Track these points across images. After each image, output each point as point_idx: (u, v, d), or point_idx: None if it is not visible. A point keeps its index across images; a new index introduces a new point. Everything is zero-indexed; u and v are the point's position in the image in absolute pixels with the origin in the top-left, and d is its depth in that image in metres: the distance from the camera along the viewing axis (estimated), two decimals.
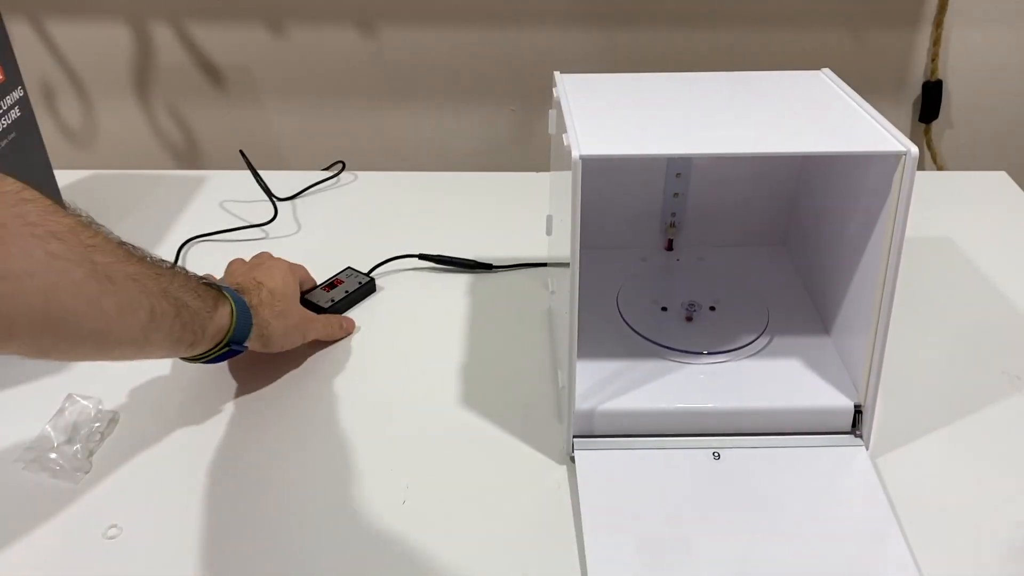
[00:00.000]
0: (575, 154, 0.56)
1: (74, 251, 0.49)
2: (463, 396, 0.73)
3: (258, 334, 0.67)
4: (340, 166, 1.08)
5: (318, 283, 0.84)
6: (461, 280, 0.87)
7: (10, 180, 0.49)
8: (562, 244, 0.66)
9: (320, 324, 0.76)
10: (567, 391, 0.65)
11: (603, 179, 0.80)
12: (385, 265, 0.89)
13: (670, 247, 0.85)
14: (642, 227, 0.84)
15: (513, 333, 0.80)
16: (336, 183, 1.06)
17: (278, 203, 1.00)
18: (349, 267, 0.87)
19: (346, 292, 0.82)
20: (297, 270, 0.80)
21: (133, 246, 0.57)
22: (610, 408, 0.66)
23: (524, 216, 0.97)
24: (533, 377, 0.75)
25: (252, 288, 0.69)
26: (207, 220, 0.99)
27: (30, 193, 0.49)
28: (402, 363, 0.77)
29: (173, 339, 0.58)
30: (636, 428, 0.67)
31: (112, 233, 0.54)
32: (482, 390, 0.74)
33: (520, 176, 1.10)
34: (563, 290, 0.67)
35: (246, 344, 0.65)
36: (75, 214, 0.52)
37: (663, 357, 0.71)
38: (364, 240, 0.95)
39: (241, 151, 1.02)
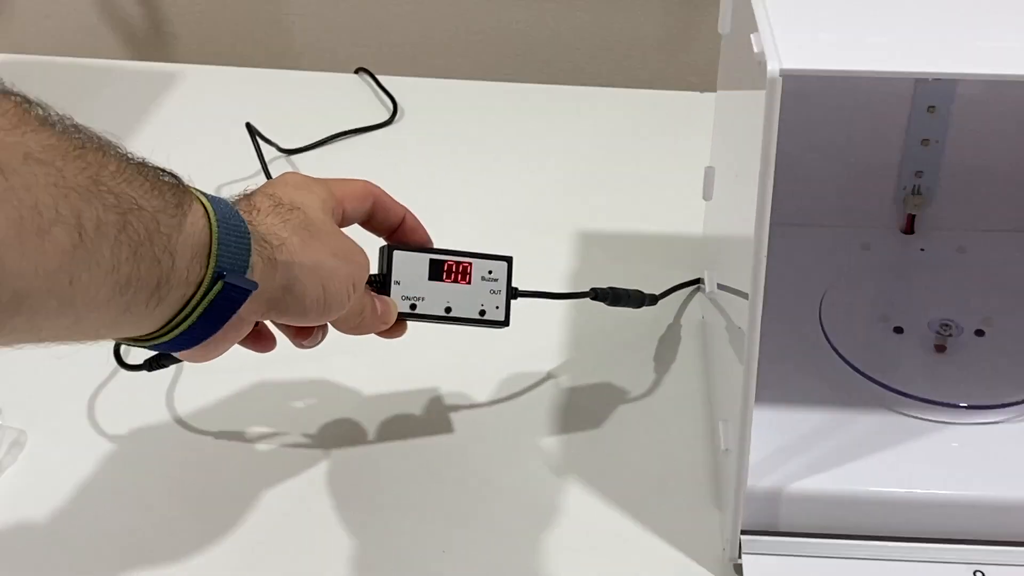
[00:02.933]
0: (771, 67, 0.54)
1: None
2: (560, 459, 0.75)
3: (266, 265, 0.58)
4: (391, 108, 1.14)
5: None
6: (562, 258, 0.91)
7: None
8: (734, 216, 0.66)
9: (368, 298, 0.68)
10: (734, 458, 0.64)
11: (809, 112, 0.80)
12: None
13: (910, 228, 0.85)
14: (866, 193, 0.84)
15: (641, 357, 0.82)
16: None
17: (291, 157, 1.07)
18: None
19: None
20: (342, 193, 0.69)
21: (41, 106, 0.50)
22: (804, 489, 0.66)
23: (661, 163, 1.03)
24: (673, 431, 0.76)
25: (260, 199, 0.63)
26: (178, 139, 1.03)
27: None
28: (460, 392, 0.80)
29: (120, 283, 0.50)
30: (846, 524, 0.66)
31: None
32: (590, 449, 0.75)
33: (655, 97, 1.13)
34: (733, 292, 0.67)
35: (245, 284, 0.56)
36: None
37: (895, 408, 0.71)
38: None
39: (249, 125, 1.03)
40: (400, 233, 0.71)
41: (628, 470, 0.73)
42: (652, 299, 0.79)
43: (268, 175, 1.00)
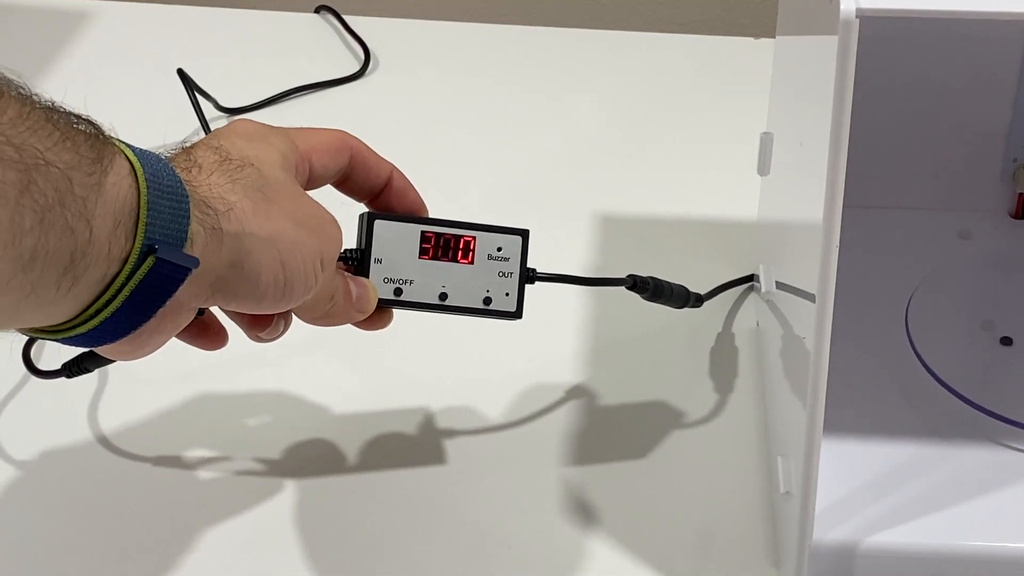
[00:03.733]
0: (845, 7, 0.54)
1: None
2: (579, 502, 0.75)
3: (209, 237, 0.58)
4: (361, 57, 1.14)
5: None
6: (578, 247, 0.91)
7: None
8: (797, 196, 0.66)
9: (339, 280, 0.68)
10: (796, 503, 0.64)
11: (894, 65, 0.80)
12: None
13: (1020, 212, 0.86)
14: (965, 167, 0.85)
15: (680, 373, 0.83)
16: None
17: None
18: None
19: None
20: (309, 145, 0.69)
21: None
22: (884, 544, 0.66)
23: (706, 129, 1.03)
24: (719, 468, 0.77)
25: (202, 153, 0.62)
26: (92, 93, 1.01)
27: None
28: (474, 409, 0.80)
29: (23, 259, 0.49)
30: None
31: None
32: (617, 490, 0.76)
33: (698, 44, 1.14)
34: (795, 292, 0.66)
35: (182, 261, 0.56)
36: None
37: (1001, 441, 0.71)
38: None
39: (182, 72, 1.04)
40: (385, 197, 0.71)
41: (663, 517, 0.74)
42: (697, 299, 0.80)
43: (207, 130, 1.00)
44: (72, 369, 0.70)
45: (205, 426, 0.78)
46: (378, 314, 0.69)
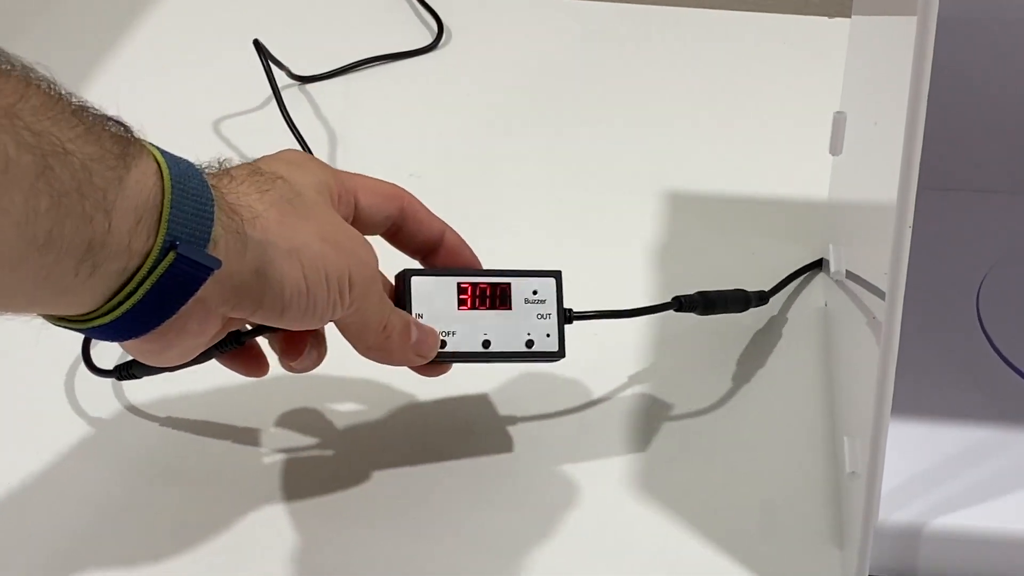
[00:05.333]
0: None
1: None
2: (641, 481, 0.75)
3: (233, 241, 0.59)
4: (435, 29, 1.14)
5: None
6: (645, 225, 0.92)
7: None
8: (870, 177, 0.66)
9: (387, 307, 0.69)
10: (862, 484, 0.64)
11: (975, 42, 0.80)
12: None
13: None
14: None
15: (743, 353, 0.83)
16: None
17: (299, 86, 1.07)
18: None
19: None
20: (357, 184, 0.70)
21: None
22: (951, 526, 0.66)
23: (776, 108, 1.03)
24: (784, 448, 0.76)
25: (237, 168, 0.64)
26: (169, 62, 1.06)
27: None
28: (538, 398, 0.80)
29: (37, 241, 0.51)
30: (1004, 572, 0.67)
31: None
32: (678, 469, 0.76)
33: (769, 23, 1.14)
34: (866, 275, 0.66)
35: (204, 260, 0.57)
36: None
37: None
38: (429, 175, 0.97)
39: (257, 42, 1.03)
40: (438, 255, 0.72)
41: (727, 494, 0.74)
42: (761, 297, 0.79)
43: (280, 103, 1.00)
44: (122, 372, 0.72)
45: (251, 406, 0.78)
46: (436, 363, 0.71)
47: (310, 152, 0.96)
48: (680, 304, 0.76)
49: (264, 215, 0.61)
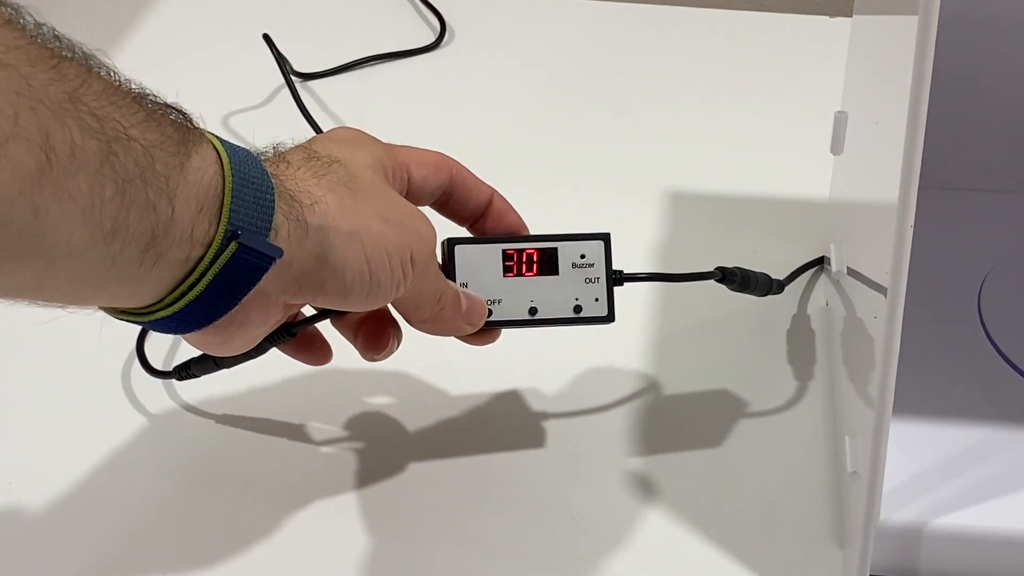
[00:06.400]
0: None
1: None
2: (643, 478, 0.75)
3: (294, 228, 0.59)
4: (437, 27, 1.14)
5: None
6: (647, 225, 0.92)
7: None
8: (871, 176, 0.66)
9: (442, 280, 0.69)
10: (863, 483, 0.64)
11: (977, 43, 0.80)
12: None
13: None
14: None
15: (745, 353, 0.83)
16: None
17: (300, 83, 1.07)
18: None
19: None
20: (409, 157, 0.70)
21: (10, 5, 0.50)
22: (952, 526, 0.66)
23: (778, 107, 1.03)
24: (785, 447, 0.77)
25: (293, 152, 0.64)
26: (173, 56, 1.03)
27: None
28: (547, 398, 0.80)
29: (103, 228, 0.50)
30: (1005, 571, 0.67)
31: None
32: (680, 467, 0.76)
33: (771, 22, 1.14)
34: (867, 272, 0.66)
35: (266, 249, 0.57)
36: None
37: None
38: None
39: (267, 36, 1.05)
40: (485, 221, 0.71)
41: (729, 494, 0.74)
42: (779, 286, 0.79)
43: (295, 94, 1.00)
44: (182, 372, 0.72)
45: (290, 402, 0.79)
46: (486, 331, 0.70)
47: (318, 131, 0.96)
48: (723, 275, 0.75)
49: (323, 200, 0.60)
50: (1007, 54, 0.81)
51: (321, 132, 0.95)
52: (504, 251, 0.69)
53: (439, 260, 0.69)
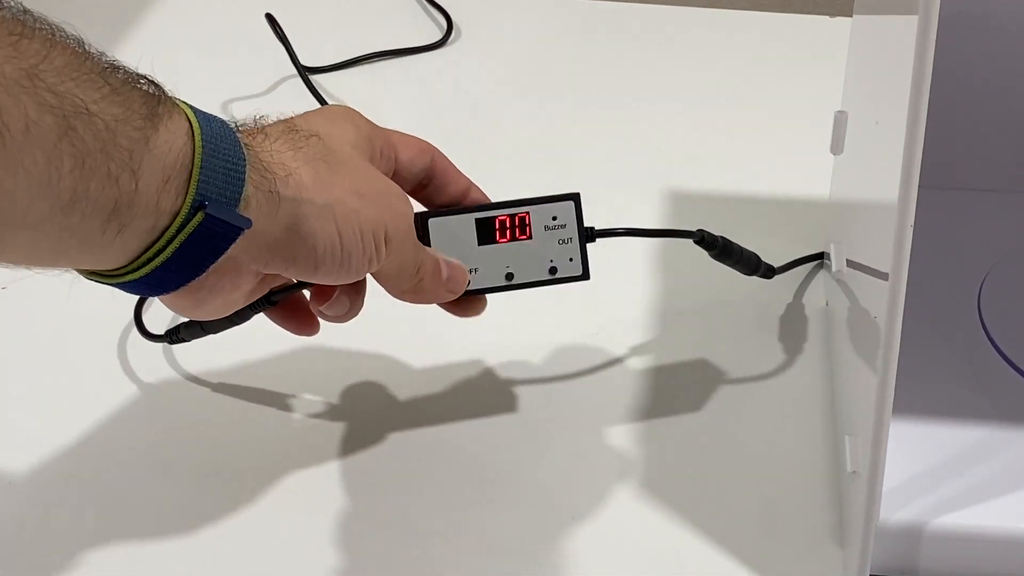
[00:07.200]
0: None
1: None
2: (640, 476, 0.75)
3: (265, 200, 0.59)
4: (444, 25, 1.14)
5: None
6: (647, 221, 0.92)
7: None
8: (871, 175, 0.66)
9: (421, 252, 0.69)
10: (863, 483, 0.64)
11: (977, 42, 0.80)
12: None
13: None
14: None
15: (745, 350, 0.83)
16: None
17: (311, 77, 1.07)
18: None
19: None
20: (396, 139, 0.71)
21: None
22: (952, 525, 0.66)
23: (779, 106, 1.04)
24: (784, 446, 0.76)
25: (273, 125, 0.64)
26: (173, 45, 1.03)
27: None
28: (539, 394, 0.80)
29: (62, 199, 0.51)
30: (1004, 571, 0.67)
31: None
32: (678, 465, 0.76)
33: (772, 22, 1.14)
34: (867, 272, 0.67)
35: (234, 220, 0.57)
36: None
37: None
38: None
39: (270, 16, 1.05)
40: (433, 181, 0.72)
41: (728, 494, 0.73)
42: (769, 269, 0.79)
43: (306, 80, 1.00)
44: (172, 336, 0.74)
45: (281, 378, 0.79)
46: (470, 302, 0.71)
47: None
48: (702, 237, 0.75)
49: (297, 172, 0.61)
50: (1007, 54, 0.81)
51: None
52: (477, 219, 0.70)
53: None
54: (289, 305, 0.70)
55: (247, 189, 0.58)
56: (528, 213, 0.71)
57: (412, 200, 0.70)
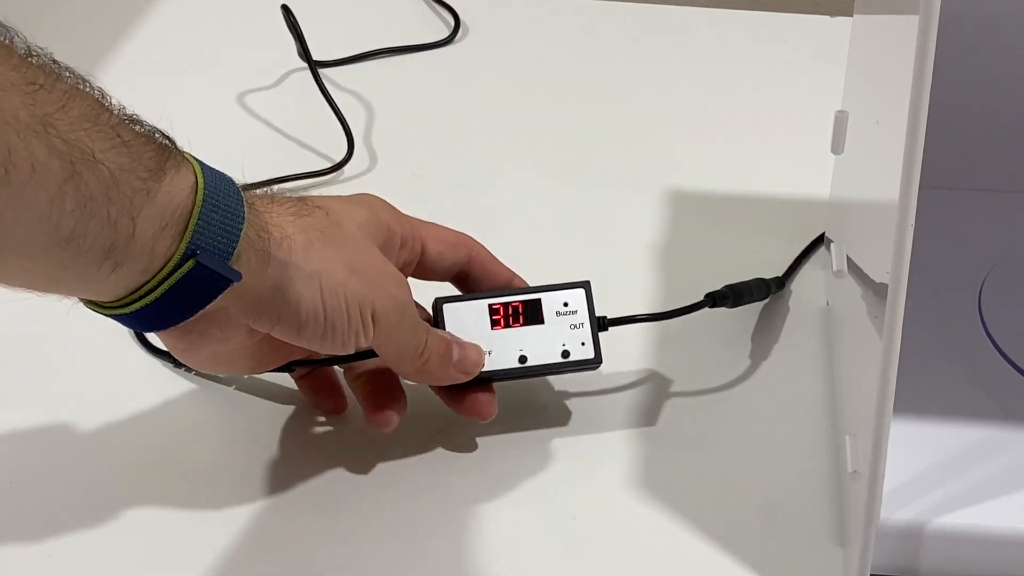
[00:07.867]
0: None
1: None
2: (641, 475, 0.75)
3: (256, 257, 0.63)
4: (451, 23, 1.14)
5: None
6: (647, 223, 0.92)
7: None
8: (872, 175, 0.66)
9: (424, 334, 0.71)
10: (864, 482, 0.64)
11: (978, 42, 0.80)
12: None
13: None
14: None
15: (745, 351, 0.83)
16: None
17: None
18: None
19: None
20: (427, 231, 0.74)
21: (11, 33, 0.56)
22: (953, 525, 0.66)
23: (779, 106, 1.04)
24: (785, 446, 0.77)
25: (286, 196, 0.68)
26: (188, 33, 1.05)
27: None
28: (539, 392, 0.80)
29: (60, 235, 0.56)
30: (1006, 571, 0.67)
31: None
32: (679, 465, 0.76)
33: (772, 22, 1.14)
34: (868, 271, 0.67)
35: (224, 271, 0.61)
36: None
37: None
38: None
39: (285, 7, 1.04)
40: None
41: (729, 493, 0.73)
42: (778, 284, 0.80)
43: (316, 76, 1.00)
44: (168, 355, 0.75)
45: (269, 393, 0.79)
46: (479, 401, 0.73)
47: (343, 121, 0.99)
48: (713, 301, 0.77)
49: (292, 237, 0.64)
50: (1007, 54, 0.81)
51: (337, 109, 1.00)
52: (490, 305, 0.73)
53: (432, 320, 0.73)
54: (317, 381, 0.75)
55: (241, 245, 0.61)
56: (540, 299, 0.74)
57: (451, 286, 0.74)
